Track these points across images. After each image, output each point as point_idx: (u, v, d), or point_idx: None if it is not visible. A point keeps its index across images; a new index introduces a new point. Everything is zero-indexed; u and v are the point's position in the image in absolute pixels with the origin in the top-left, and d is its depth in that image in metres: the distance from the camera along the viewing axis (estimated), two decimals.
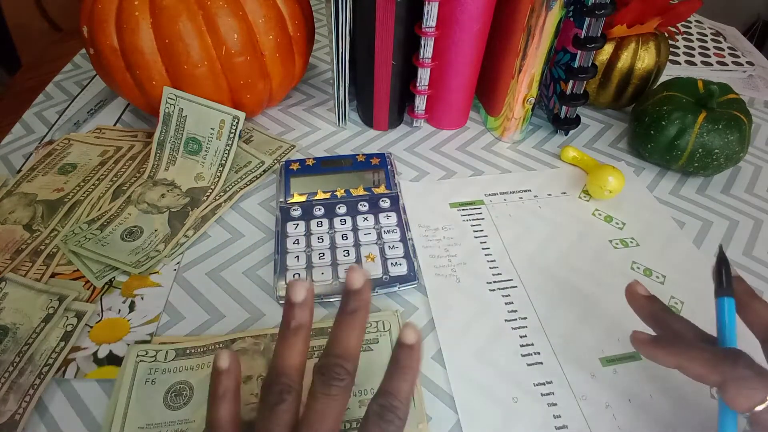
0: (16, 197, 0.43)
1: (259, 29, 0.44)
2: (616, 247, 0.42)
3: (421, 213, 0.44)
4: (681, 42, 0.72)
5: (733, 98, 0.46)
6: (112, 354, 0.33)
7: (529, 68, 0.45)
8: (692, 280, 0.39)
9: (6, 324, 0.34)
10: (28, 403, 0.30)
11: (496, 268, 0.40)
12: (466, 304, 0.37)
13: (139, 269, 0.38)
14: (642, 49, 0.51)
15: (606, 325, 0.36)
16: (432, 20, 0.44)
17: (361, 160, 0.46)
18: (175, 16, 0.41)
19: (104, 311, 0.36)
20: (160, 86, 0.44)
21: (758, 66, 0.68)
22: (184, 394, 0.31)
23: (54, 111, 0.55)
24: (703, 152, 0.45)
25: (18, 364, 0.31)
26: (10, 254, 0.39)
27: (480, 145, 0.52)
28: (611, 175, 0.43)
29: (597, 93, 0.55)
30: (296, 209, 0.42)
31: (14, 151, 0.50)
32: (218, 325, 0.35)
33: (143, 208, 0.43)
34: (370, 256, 0.39)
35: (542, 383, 0.33)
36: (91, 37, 0.43)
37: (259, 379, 0.32)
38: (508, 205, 0.45)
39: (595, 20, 0.43)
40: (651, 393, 0.32)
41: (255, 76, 0.46)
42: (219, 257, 0.40)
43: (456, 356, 0.34)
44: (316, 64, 0.64)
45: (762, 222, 0.45)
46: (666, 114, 0.46)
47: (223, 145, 0.45)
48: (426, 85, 0.49)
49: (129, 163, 0.47)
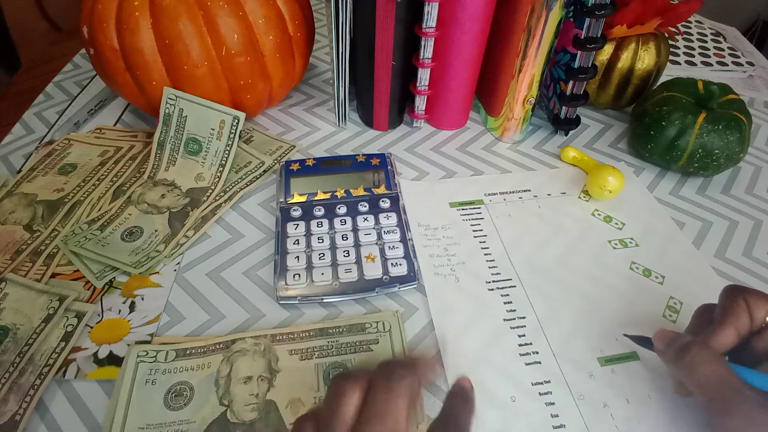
0: (17, 197, 0.43)
1: (259, 29, 0.44)
2: (616, 248, 0.42)
3: (421, 212, 0.44)
4: (681, 42, 0.72)
5: (733, 98, 0.46)
6: (112, 354, 0.33)
7: (529, 68, 0.45)
8: (692, 281, 0.39)
9: (6, 324, 0.34)
10: (29, 403, 0.30)
11: (495, 267, 0.40)
12: (465, 304, 0.37)
13: (140, 269, 0.38)
14: (642, 50, 0.51)
15: (604, 325, 0.36)
16: (432, 20, 0.44)
17: (361, 161, 0.47)
18: (175, 17, 0.41)
19: (104, 311, 0.36)
20: (160, 86, 0.44)
21: (758, 66, 0.68)
22: (185, 394, 0.31)
23: (54, 111, 0.55)
24: (703, 153, 0.45)
25: (18, 365, 0.32)
26: (10, 254, 0.39)
27: (480, 146, 0.52)
28: (611, 176, 0.43)
29: (597, 93, 0.55)
30: (296, 209, 0.42)
31: (14, 151, 0.50)
32: (218, 325, 0.35)
33: (143, 209, 0.43)
34: (370, 256, 0.39)
35: (540, 383, 0.33)
36: (91, 37, 0.43)
37: (259, 379, 0.32)
38: (507, 205, 0.45)
39: (595, 21, 0.43)
40: (649, 393, 0.32)
41: (255, 77, 0.46)
42: (219, 257, 0.40)
43: (455, 356, 0.34)
44: (316, 64, 0.64)
45: (762, 222, 0.45)
46: (666, 114, 0.46)
47: (223, 145, 0.45)
48: (426, 85, 0.49)
49: (129, 163, 0.47)
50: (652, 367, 0.33)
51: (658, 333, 0.30)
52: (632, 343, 0.34)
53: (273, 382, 0.32)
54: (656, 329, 0.30)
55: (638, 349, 0.34)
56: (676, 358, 0.28)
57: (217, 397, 0.31)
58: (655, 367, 0.33)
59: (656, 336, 0.30)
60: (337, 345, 0.34)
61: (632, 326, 0.36)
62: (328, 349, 0.34)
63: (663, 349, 0.29)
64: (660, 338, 0.30)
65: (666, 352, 0.29)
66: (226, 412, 0.30)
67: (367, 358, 0.29)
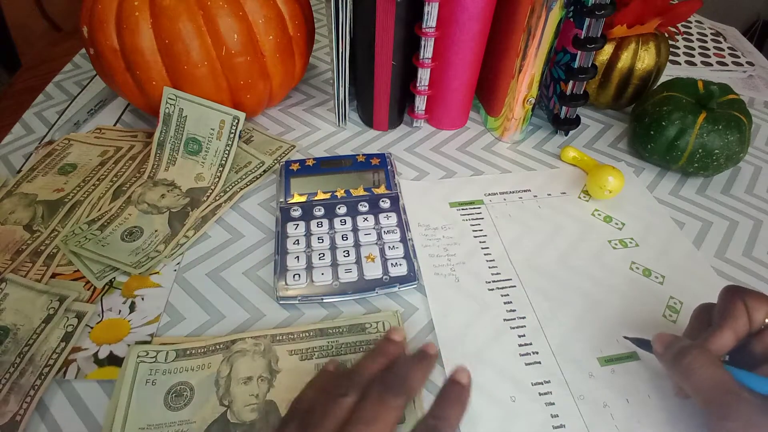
0: (17, 197, 0.43)
1: (259, 29, 0.44)
2: (615, 248, 0.42)
3: (421, 212, 0.44)
4: (681, 42, 0.72)
5: (733, 98, 0.46)
6: (112, 354, 0.33)
7: (529, 68, 0.45)
8: (692, 281, 0.39)
9: (6, 325, 0.34)
10: (29, 404, 0.30)
11: (495, 267, 0.40)
12: (465, 304, 0.37)
13: (140, 270, 0.38)
14: (642, 50, 0.51)
15: (604, 325, 0.36)
16: (432, 20, 0.44)
17: (361, 161, 0.47)
18: (175, 17, 0.41)
19: (105, 312, 0.36)
20: (160, 86, 0.44)
21: (758, 66, 0.68)
22: (185, 394, 0.31)
23: (54, 111, 0.55)
24: (703, 153, 0.45)
25: (19, 365, 0.32)
26: (10, 255, 0.39)
27: (480, 146, 0.52)
28: (611, 175, 0.43)
29: (597, 93, 0.55)
30: (296, 209, 0.42)
31: (14, 151, 0.50)
32: (218, 325, 0.35)
33: (143, 209, 0.43)
34: (370, 256, 0.39)
35: (540, 383, 0.33)
36: (91, 37, 0.43)
37: (259, 379, 0.32)
38: (507, 205, 0.45)
39: (595, 21, 0.43)
40: (649, 393, 0.32)
41: (255, 77, 0.46)
42: (219, 258, 0.40)
43: (454, 356, 0.34)
44: (316, 64, 0.64)
45: (762, 222, 0.45)
46: (666, 114, 0.46)
47: (223, 145, 0.45)
48: (426, 85, 0.49)
49: (129, 163, 0.47)
50: (652, 367, 0.33)
51: (657, 336, 0.30)
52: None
53: (273, 383, 0.32)
54: (655, 333, 0.30)
55: (638, 349, 0.34)
56: (674, 362, 0.28)
57: (217, 398, 0.31)
58: (655, 368, 0.33)
59: (655, 339, 0.30)
60: (337, 345, 0.34)
61: (632, 326, 0.36)
62: (328, 350, 0.34)
63: (662, 352, 0.29)
64: (659, 341, 0.29)
65: (665, 356, 0.29)
66: (226, 413, 0.30)
67: (372, 354, 0.29)
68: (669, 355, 0.28)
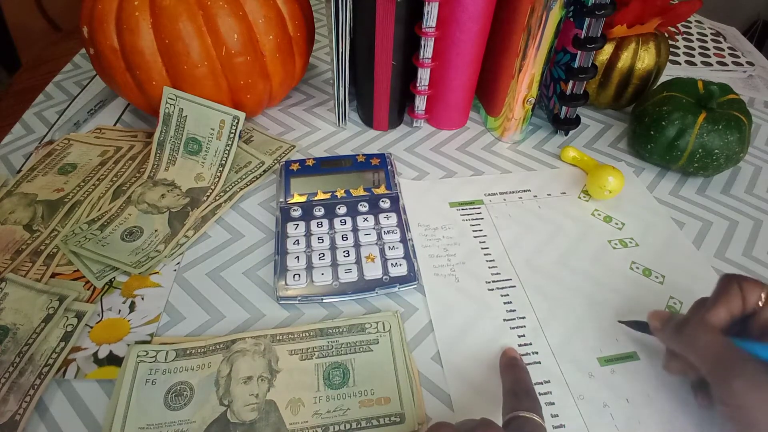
0: (16, 197, 0.43)
1: (259, 29, 0.44)
2: (616, 248, 0.42)
3: (421, 212, 0.44)
4: (681, 42, 0.72)
5: (733, 98, 0.46)
6: (112, 354, 0.33)
7: (529, 68, 0.45)
8: (692, 281, 0.39)
9: (6, 324, 0.34)
10: (29, 403, 0.30)
11: (495, 267, 0.40)
12: (465, 304, 0.37)
13: (139, 269, 0.38)
14: (642, 50, 0.51)
15: (604, 325, 0.36)
16: (432, 20, 0.44)
17: (361, 161, 0.47)
18: (175, 17, 0.41)
19: (104, 311, 0.36)
20: (160, 86, 0.44)
21: (758, 66, 0.68)
22: (185, 394, 0.31)
23: (54, 111, 0.55)
24: (703, 152, 0.45)
25: (18, 365, 0.32)
26: (10, 254, 0.39)
27: (480, 146, 0.52)
28: (611, 175, 0.43)
29: (597, 93, 0.55)
30: (296, 210, 0.42)
31: (14, 151, 0.50)
32: (218, 325, 0.35)
33: (143, 209, 0.43)
34: (370, 256, 0.39)
35: (540, 383, 0.33)
36: (91, 37, 0.43)
37: (259, 379, 0.32)
38: (507, 205, 0.45)
39: (595, 20, 0.43)
40: (649, 393, 0.32)
41: (255, 76, 0.46)
42: (219, 257, 0.40)
43: (454, 356, 0.34)
44: (316, 64, 0.64)
45: (762, 222, 0.45)
46: (666, 114, 0.46)
47: (223, 145, 0.45)
48: (426, 85, 0.49)
49: (129, 163, 0.47)
50: (652, 367, 0.33)
51: (653, 314, 0.31)
52: (632, 343, 0.34)
53: (273, 382, 0.32)
54: (649, 311, 0.31)
55: (638, 348, 0.34)
56: (675, 334, 0.29)
57: (217, 397, 0.31)
58: (655, 367, 0.33)
59: (651, 317, 0.31)
60: (337, 345, 0.34)
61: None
62: (328, 349, 0.34)
63: (660, 326, 0.30)
64: (655, 318, 0.30)
65: (664, 330, 0.30)
66: (226, 412, 0.30)
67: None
68: (669, 328, 0.29)
